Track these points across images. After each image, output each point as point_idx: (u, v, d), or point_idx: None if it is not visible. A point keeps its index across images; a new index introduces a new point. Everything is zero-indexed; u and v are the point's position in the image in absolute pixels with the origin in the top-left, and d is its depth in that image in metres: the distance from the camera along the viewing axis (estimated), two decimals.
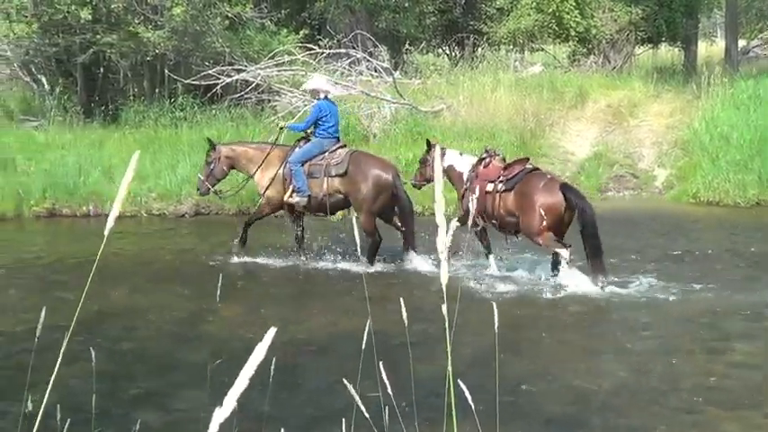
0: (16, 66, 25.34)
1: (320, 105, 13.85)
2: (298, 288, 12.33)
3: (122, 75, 25.17)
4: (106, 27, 23.36)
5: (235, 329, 9.84)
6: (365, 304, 10.61)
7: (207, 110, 23.07)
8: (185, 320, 10.46)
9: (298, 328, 10.07)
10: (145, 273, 13.02)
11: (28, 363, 8.22)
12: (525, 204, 12.02)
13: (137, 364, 8.92)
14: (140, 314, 10.74)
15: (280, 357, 8.47)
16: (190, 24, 23.43)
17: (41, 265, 13.56)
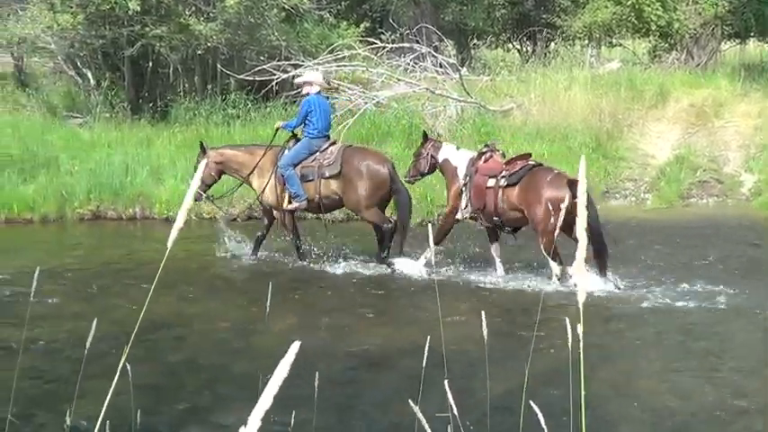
0: (60, 59, 25.58)
1: (309, 100, 13.95)
2: (353, 297, 12.30)
3: (172, 69, 25.34)
4: (155, 19, 23.53)
5: (287, 340, 9.81)
6: (426, 315, 10.65)
7: (261, 107, 23.18)
8: (236, 330, 10.49)
9: (353, 339, 10.06)
10: (193, 280, 13.07)
11: (70, 374, 8.36)
12: (531, 198, 12.38)
13: (184, 377, 8.95)
14: (188, 323, 10.79)
15: (335, 371, 8.54)
16: (244, 16, 23.55)
17: (85, 271, 13.67)
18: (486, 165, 13.15)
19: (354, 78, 23.69)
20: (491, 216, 12.99)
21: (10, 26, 24.47)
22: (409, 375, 8.65)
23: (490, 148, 13.41)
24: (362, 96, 22.41)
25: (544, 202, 12.17)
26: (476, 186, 13.10)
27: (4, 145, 20.09)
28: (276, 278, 12.07)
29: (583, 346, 2.65)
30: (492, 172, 12.98)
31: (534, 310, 9.98)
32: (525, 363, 5.57)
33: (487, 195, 12.89)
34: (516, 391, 6.57)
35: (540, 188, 12.31)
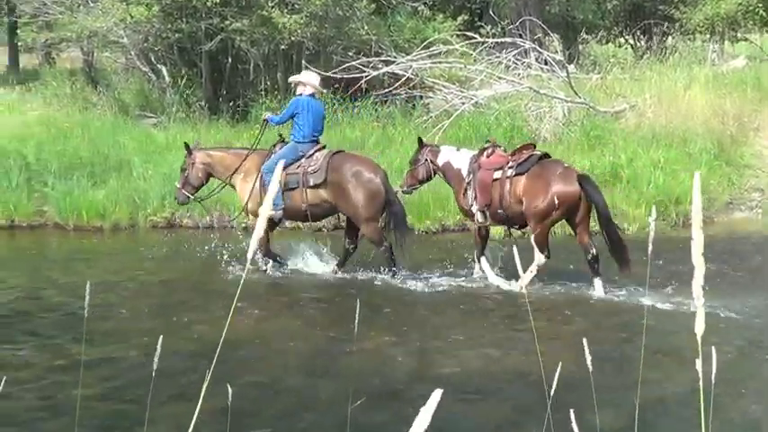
0: (133, 54, 25.99)
1: (297, 101, 14.18)
2: (449, 315, 12.23)
3: (252, 66, 25.58)
4: (236, 11, 23.78)
5: (377, 363, 9.82)
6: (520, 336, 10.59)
7: (349, 107, 23.27)
8: (321, 351, 10.48)
9: (448, 363, 10.00)
10: (274, 295, 13.15)
11: (142, 395, 8.44)
12: (537, 188, 12.77)
13: (263, 401, 8.97)
14: (269, 343, 10.82)
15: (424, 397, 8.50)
16: (331, 8, 23.68)
17: (158, 283, 13.83)
18: (489, 159, 13.49)
19: (451, 76, 23.66)
20: (496, 210, 13.29)
21: (80, 19, 24.90)
22: (505, 402, 8.62)
23: (492, 144, 13.80)
24: (459, 96, 22.38)
25: (551, 194, 12.58)
26: (481, 181, 13.38)
27: (73, 146, 20.47)
28: (362, 295, 12.10)
29: (704, 379, 2.58)
30: (497, 165, 13.31)
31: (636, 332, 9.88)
32: (634, 391, 5.49)
33: (494, 189, 13.22)
34: (627, 423, 6.50)
35: (550, 180, 12.71)
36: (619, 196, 18.10)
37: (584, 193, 12.61)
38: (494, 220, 13.57)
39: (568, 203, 12.62)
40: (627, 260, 12.64)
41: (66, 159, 19.79)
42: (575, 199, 12.61)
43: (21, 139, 20.80)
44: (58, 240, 16.88)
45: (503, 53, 24.19)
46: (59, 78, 28.22)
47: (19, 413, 8.14)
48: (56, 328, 11.42)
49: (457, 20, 26.25)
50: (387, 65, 22.57)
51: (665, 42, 30.79)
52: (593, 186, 12.84)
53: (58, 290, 13.44)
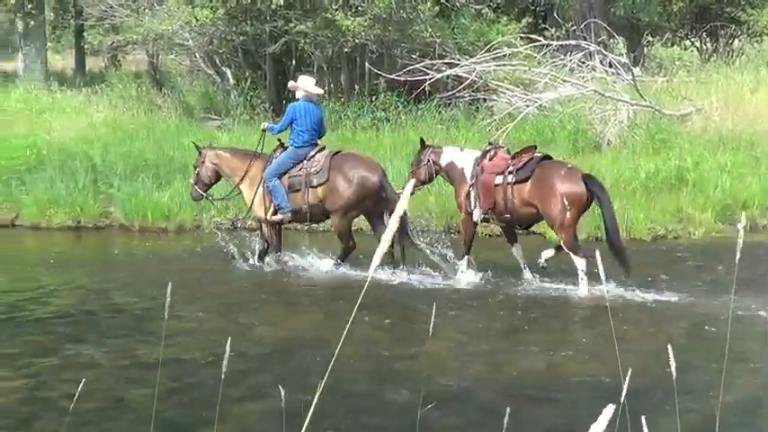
0: (198, 56, 26.16)
1: (294, 107, 14.52)
2: (516, 318, 12.17)
3: (316, 68, 25.65)
4: (300, 13, 23.88)
5: (445, 367, 9.79)
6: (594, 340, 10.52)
7: (412, 109, 23.28)
8: (387, 354, 10.45)
9: (516, 366, 9.96)
10: (339, 296, 13.15)
11: (209, 395, 8.50)
12: (546, 193, 12.90)
13: (327, 403, 8.97)
14: (333, 345, 10.79)
15: (493, 401, 8.48)
16: (395, 11, 23.65)
17: (220, 284, 13.90)
18: (491, 162, 13.63)
19: (515, 79, 23.58)
20: (502, 214, 13.47)
21: (146, 22, 25.10)
22: (574, 406, 8.56)
23: (494, 146, 14.05)
24: (524, 99, 22.30)
25: (559, 196, 12.72)
26: (483, 185, 13.54)
27: (138, 148, 20.65)
28: (437, 296, 12.09)
29: None
30: (498, 169, 13.46)
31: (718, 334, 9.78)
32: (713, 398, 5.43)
33: (496, 193, 13.38)
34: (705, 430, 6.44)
35: (554, 183, 12.84)
36: (685, 200, 17.92)
37: (590, 193, 12.79)
38: (500, 222, 13.86)
39: (577, 203, 12.77)
40: (627, 261, 12.74)
41: (131, 161, 19.96)
42: (581, 198, 12.79)
43: (87, 141, 21.01)
44: (124, 241, 17.02)
45: (567, 56, 24.02)
46: (125, 81, 28.45)
47: (86, 413, 8.21)
48: (122, 329, 11.54)
49: (521, 22, 26.14)
50: (450, 67, 22.48)
51: (731, 45, 30.44)
52: (597, 185, 13.02)
53: (124, 290, 13.58)
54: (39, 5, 33.66)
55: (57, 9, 40.36)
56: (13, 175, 19.51)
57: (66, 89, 27.94)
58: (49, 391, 9.09)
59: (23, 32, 34.08)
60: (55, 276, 14.36)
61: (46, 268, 14.73)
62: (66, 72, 39.68)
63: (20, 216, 18.72)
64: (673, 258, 15.65)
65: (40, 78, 30.22)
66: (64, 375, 9.48)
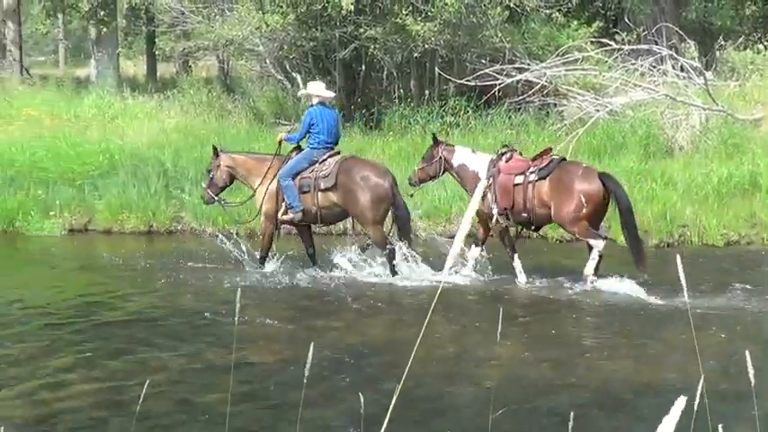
0: (268, 62, 26.29)
1: (310, 112, 14.79)
2: (585, 324, 12.12)
3: (386, 73, 25.70)
4: (370, 19, 23.93)
5: (514, 372, 9.77)
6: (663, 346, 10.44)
7: (482, 114, 23.25)
8: (457, 359, 10.46)
9: (584, 373, 9.91)
10: (409, 302, 13.17)
11: (285, 399, 8.57)
12: (562, 191, 13.34)
13: (401, 408, 8.97)
14: (404, 350, 10.79)
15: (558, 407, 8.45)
16: (464, 16, 23.63)
17: (290, 289, 13.92)
18: (509, 164, 13.98)
19: (585, 83, 23.47)
20: (520, 213, 13.81)
21: (217, 28, 25.29)
22: (643, 413, 8.50)
23: (510, 148, 14.31)
24: (594, 103, 22.19)
25: (576, 194, 13.20)
26: (501, 185, 13.84)
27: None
28: (503, 302, 12.07)
29: None
30: (518, 170, 13.85)
31: None
32: None
33: (515, 193, 13.75)
34: None
35: (573, 181, 13.30)
36: (758, 205, 17.75)
37: (606, 190, 13.20)
38: (516, 222, 14.08)
39: (594, 200, 13.18)
40: (644, 256, 13.36)
41: (202, 166, 20.04)
42: (598, 195, 13.20)
43: (159, 147, 21.20)
44: (195, 246, 17.13)
45: (638, 60, 23.86)
46: (196, 86, 28.67)
47: (157, 416, 8.30)
48: (192, 333, 11.65)
49: (592, 26, 26.00)
50: (520, 72, 22.44)
51: None
52: (613, 182, 13.43)
53: (195, 294, 13.67)
54: (111, 12, 34.05)
55: (129, 16, 40.68)
56: (87, 180, 19.74)
57: (137, 95, 28.16)
58: (121, 394, 9.18)
59: (96, 39, 34.53)
60: (126, 280, 14.52)
61: (118, 272, 14.88)
62: (137, 78, 40.14)
63: (93, 221, 18.94)
64: (746, 264, 15.51)
65: (112, 84, 30.53)
66: (135, 379, 9.55)
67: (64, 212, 18.87)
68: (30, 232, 18.51)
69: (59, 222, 18.61)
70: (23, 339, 11.22)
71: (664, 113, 21.79)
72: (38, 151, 20.85)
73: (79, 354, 10.59)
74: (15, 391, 9.23)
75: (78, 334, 11.56)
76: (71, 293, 13.97)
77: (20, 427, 8.15)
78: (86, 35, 41.11)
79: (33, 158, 20.53)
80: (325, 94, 15.09)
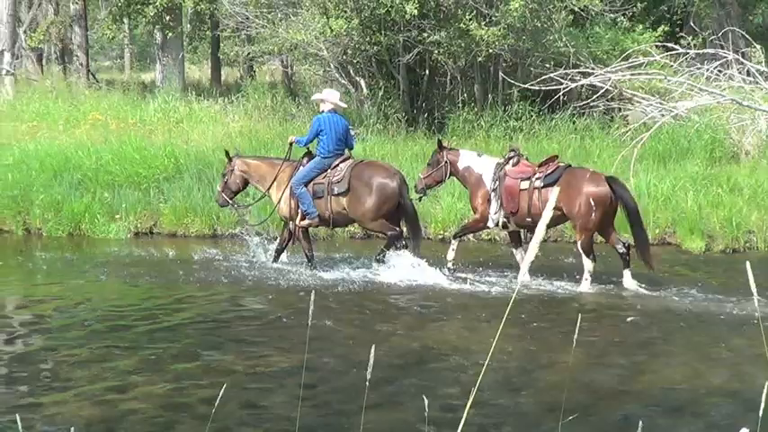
0: (332, 66, 26.35)
1: (319, 119, 15.15)
2: (653, 330, 12.02)
3: (449, 78, 25.69)
4: (434, 23, 23.93)
5: (584, 378, 9.72)
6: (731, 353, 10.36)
7: (546, 119, 23.18)
8: (525, 364, 10.42)
9: (652, 379, 9.86)
10: (476, 306, 13.14)
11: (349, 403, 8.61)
12: (572, 195, 13.63)
13: (461, 412, 8.98)
14: (471, 355, 10.81)
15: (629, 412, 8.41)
16: (529, 20, 23.56)
17: (353, 292, 13.94)
18: (515, 168, 14.32)
19: (650, 88, 23.33)
20: (524, 218, 14.12)
21: (281, 32, 25.40)
22: (710, 420, 8.45)
23: (516, 153, 14.57)
24: (659, 108, 22.04)
25: (585, 197, 13.57)
26: (508, 190, 14.20)
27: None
28: (570, 308, 12.05)
29: None
30: (524, 174, 14.19)
31: None
32: None
33: (521, 197, 14.09)
34: None
35: (581, 185, 13.68)
36: None
37: (614, 193, 13.64)
38: (519, 226, 14.52)
39: (602, 203, 13.58)
40: (650, 256, 13.79)
41: None
42: (607, 198, 13.61)
43: (223, 150, 21.30)
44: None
45: (705, 64, 23.67)
46: (260, 91, 28.78)
47: (225, 418, 8.35)
48: (258, 335, 11.73)
49: (657, 31, 25.85)
50: (585, 77, 22.32)
51: None
52: (620, 186, 13.92)
53: (260, 297, 13.79)
54: (177, 17, 34.35)
55: (194, 21, 41.10)
56: (152, 184, 19.93)
57: (202, 99, 28.33)
58: (188, 396, 9.26)
59: (161, 44, 34.86)
60: (191, 283, 14.61)
61: (183, 275, 15.00)
62: (202, 82, 40.41)
63: (158, 224, 19.10)
64: None
65: (177, 89, 30.70)
66: (202, 381, 9.64)
67: (129, 216, 19.00)
68: (96, 235, 18.69)
69: (125, 225, 18.78)
70: (89, 341, 11.35)
71: (729, 118, 21.62)
72: (104, 155, 21.03)
73: (145, 356, 10.69)
74: (82, 391, 9.32)
75: (144, 336, 11.67)
76: (136, 296, 14.11)
77: (87, 427, 8.25)
78: (152, 40, 41.52)
79: (100, 162, 20.72)
80: (337, 103, 15.41)
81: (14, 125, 24.92)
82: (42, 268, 15.98)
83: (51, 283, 15.04)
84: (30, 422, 8.01)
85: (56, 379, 9.76)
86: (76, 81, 33.21)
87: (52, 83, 31.60)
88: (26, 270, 16.28)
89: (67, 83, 32.10)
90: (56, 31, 36.20)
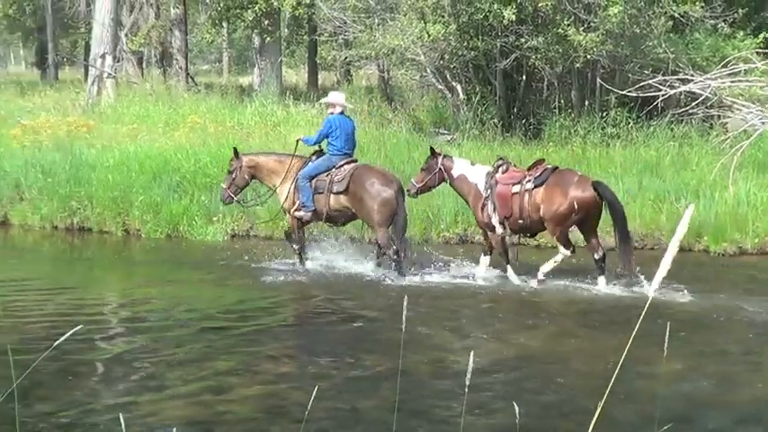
0: (429, 71, 26.40)
1: (329, 120, 15.78)
2: (754, 339, 11.83)
3: (546, 83, 25.61)
4: (531, 29, 23.89)
5: (678, 388, 9.63)
6: None
7: (644, 126, 22.99)
8: (619, 373, 10.33)
9: (746, 391, 9.74)
10: (568, 312, 13.11)
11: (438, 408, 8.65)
12: (556, 195, 14.07)
13: (556, 419, 8.97)
14: (564, 362, 10.79)
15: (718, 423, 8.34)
16: (628, 26, 23.43)
17: (449, 298, 14.00)
18: (505, 175, 14.72)
19: (751, 95, 23.00)
20: (516, 221, 14.52)
21: (378, 37, 25.51)
22: None
23: (504, 161, 15.02)
24: (760, 116, 21.74)
25: (570, 199, 13.96)
26: (500, 195, 14.57)
27: (370, 161, 20.99)
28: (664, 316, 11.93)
29: None
30: (514, 180, 14.58)
31: None
32: None
33: (513, 201, 14.46)
34: None
35: (568, 187, 14.07)
36: None
37: (599, 196, 13.97)
38: (513, 230, 14.76)
39: (587, 206, 14.00)
40: (632, 259, 14.08)
41: None
42: (591, 202, 14.00)
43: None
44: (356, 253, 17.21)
45: None
46: (357, 95, 28.92)
47: (319, 421, 8.41)
48: (352, 339, 11.83)
49: (758, 37, 25.46)
50: (684, 83, 22.06)
51: None
52: (605, 189, 14.24)
53: (355, 301, 13.97)
54: (275, 22, 34.63)
55: (292, 25, 41.42)
56: (249, 187, 20.14)
57: (299, 103, 28.54)
58: (283, 399, 9.36)
59: (260, 48, 35.17)
60: (287, 286, 14.76)
61: (279, 278, 15.14)
62: (299, 86, 40.68)
63: (255, 226, 19.27)
64: None
65: (274, 92, 30.97)
66: (296, 384, 9.74)
67: (226, 218, 19.25)
68: (193, 237, 18.96)
69: (222, 228, 19.03)
70: (186, 342, 11.53)
71: None
72: (202, 157, 21.30)
73: (241, 358, 10.84)
74: (179, 392, 9.48)
75: (240, 338, 11.82)
76: (233, 298, 14.29)
77: (183, 427, 8.38)
78: (250, 44, 41.97)
79: (198, 164, 20.98)
80: (345, 104, 16.34)
81: (115, 127, 25.36)
82: (141, 269, 16.25)
83: (150, 285, 15.31)
84: (128, 421, 8.15)
85: (153, 379, 9.93)
86: (176, 84, 33.68)
87: (152, 86, 32.09)
88: (125, 271, 16.57)
89: (167, 86, 32.54)
90: (156, 34, 36.70)
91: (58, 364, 10.02)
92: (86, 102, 30.45)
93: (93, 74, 31.54)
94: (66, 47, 62.62)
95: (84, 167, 21.32)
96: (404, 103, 27.92)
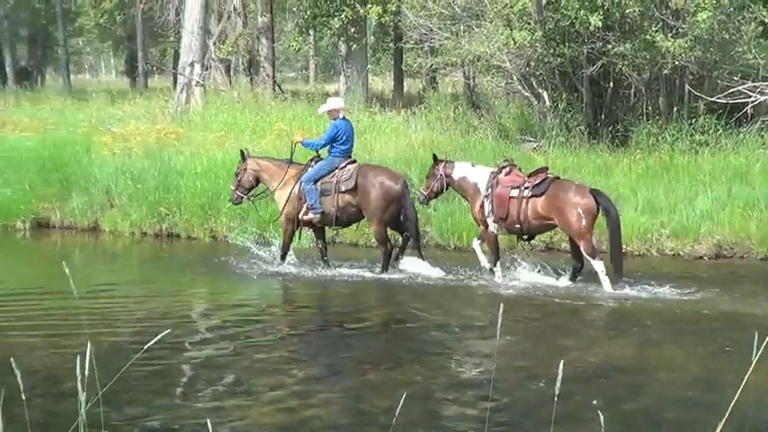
0: (515, 78, 26.34)
1: (337, 125, 16.43)
2: None
3: (634, 90, 25.42)
4: (618, 35, 23.71)
5: (762, 398, 9.54)
6: None
7: (733, 133, 22.70)
8: (703, 382, 10.29)
9: None
10: (654, 323, 13.01)
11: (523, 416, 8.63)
12: (562, 206, 14.59)
13: (642, 430, 8.94)
14: (650, 370, 10.73)
15: None
16: (717, 32, 23.18)
17: (537, 306, 14.01)
18: (507, 177, 15.29)
19: None
20: (514, 224, 15.11)
21: (464, 44, 25.50)
22: None
23: (510, 163, 15.64)
24: None
25: (575, 207, 14.44)
26: (498, 197, 15.14)
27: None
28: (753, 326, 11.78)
29: None
30: (514, 183, 15.13)
31: None
32: None
33: (510, 204, 15.01)
34: None
35: (569, 196, 14.57)
36: None
37: (598, 204, 14.52)
38: (510, 231, 15.47)
39: (589, 214, 14.45)
40: (621, 268, 14.64)
41: None
42: (593, 209, 14.49)
43: (406, 161, 21.46)
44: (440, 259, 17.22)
45: None
46: (442, 102, 28.92)
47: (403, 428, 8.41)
48: (437, 346, 11.87)
49: None
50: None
51: None
52: (603, 197, 14.80)
53: (440, 309, 13.99)
54: (361, 30, 34.74)
55: (378, 33, 41.59)
56: None
57: (385, 110, 28.57)
58: (369, 405, 9.41)
59: (346, 55, 35.30)
60: (371, 292, 14.88)
61: (362, 284, 15.25)
62: (385, 93, 40.80)
63: (339, 233, 19.24)
64: None
65: (360, 100, 31.09)
66: (383, 390, 9.78)
67: None
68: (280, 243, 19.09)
69: (308, 234, 19.11)
70: (269, 349, 11.66)
71: None
72: None
73: (326, 363, 10.93)
74: (265, 398, 9.58)
75: (326, 343, 11.94)
76: (316, 304, 14.42)
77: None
78: (336, 52, 42.12)
79: None
80: (344, 108, 17.23)
81: (203, 134, 25.61)
82: (228, 275, 16.41)
83: (236, 290, 15.47)
84: (215, 427, 8.24)
85: (240, 384, 10.04)
86: (263, 92, 33.90)
87: (239, 93, 32.34)
88: (212, 277, 16.73)
89: (254, 93, 32.77)
90: (244, 42, 36.98)
91: (147, 368, 10.17)
92: (175, 109, 30.76)
93: (182, 82, 31.84)
94: (156, 55, 63.51)
95: (172, 174, 21.63)
96: (489, 110, 27.84)
